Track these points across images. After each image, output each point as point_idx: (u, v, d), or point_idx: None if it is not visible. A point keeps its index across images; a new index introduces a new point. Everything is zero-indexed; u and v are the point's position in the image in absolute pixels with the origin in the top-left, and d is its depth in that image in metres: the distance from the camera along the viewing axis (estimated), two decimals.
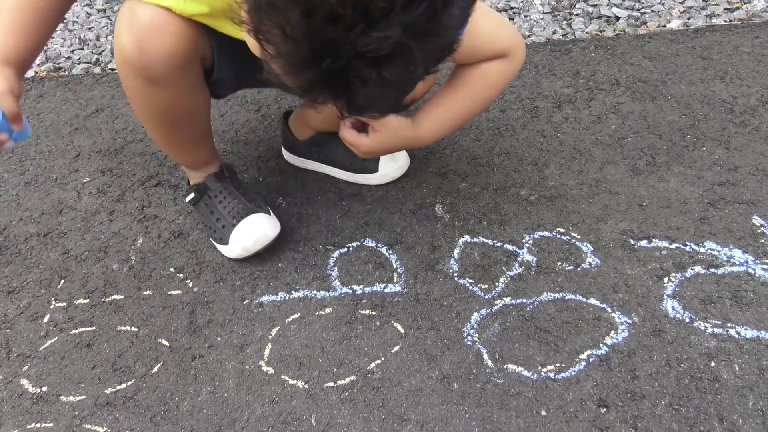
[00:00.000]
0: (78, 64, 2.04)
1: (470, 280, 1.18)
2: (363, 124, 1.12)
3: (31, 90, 1.91)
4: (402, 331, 1.11)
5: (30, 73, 2.02)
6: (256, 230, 1.23)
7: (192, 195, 1.28)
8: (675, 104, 1.55)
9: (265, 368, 1.07)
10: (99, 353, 1.13)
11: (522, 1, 2.09)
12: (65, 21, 2.32)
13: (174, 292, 1.22)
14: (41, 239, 1.37)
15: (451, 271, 1.20)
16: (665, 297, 1.12)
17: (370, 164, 1.38)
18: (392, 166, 1.38)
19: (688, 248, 1.20)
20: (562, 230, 1.26)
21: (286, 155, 1.50)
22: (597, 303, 1.12)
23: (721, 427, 0.93)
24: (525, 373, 1.03)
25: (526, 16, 2.01)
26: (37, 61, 2.08)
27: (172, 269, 1.27)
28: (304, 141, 1.44)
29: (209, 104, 1.19)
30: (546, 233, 1.26)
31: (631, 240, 1.22)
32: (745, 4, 1.93)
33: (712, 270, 1.15)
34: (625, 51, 1.78)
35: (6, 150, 1.01)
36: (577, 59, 1.77)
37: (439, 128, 1.15)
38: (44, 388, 1.08)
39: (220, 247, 1.26)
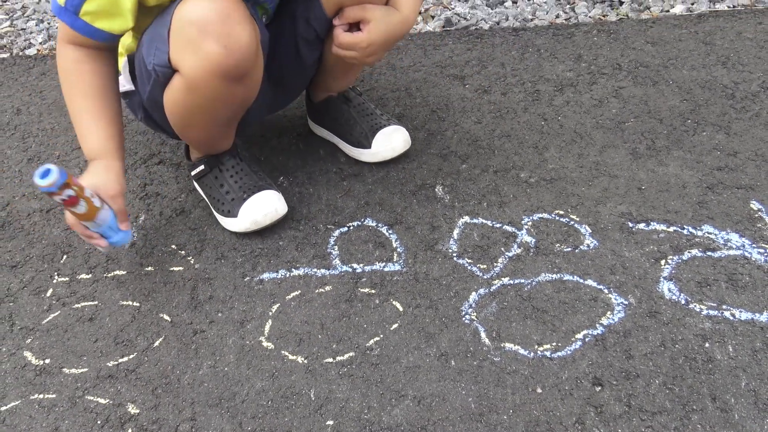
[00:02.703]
0: None
1: (469, 260, 1.19)
2: (354, 28, 1.20)
3: (34, 68, 1.92)
4: (401, 309, 1.12)
5: (32, 51, 2.02)
6: (267, 205, 1.24)
7: (201, 167, 1.29)
8: (676, 89, 1.56)
9: (265, 344, 1.09)
10: (101, 327, 1.14)
11: None
12: None
13: (176, 269, 1.23)
14: (44, 215, 1.38)
15: (450, 251, 1.22)
16: (662, 279, 1.13)
17: (364, 140, 1.39)
18: (385, 146, 1.38)
19: (685, 231, 1.21)
20: (561, 212, 1.27)
21: (309, 123, 1.54)
22: (594, 284, 1.13)
23: (714, 407, 0.94)
24: (521, 351, 1.04)
25: (529, 0, 2.01)
26: (39, 39, 2.08)
27: (173, 246, 1.28)
28: (317, 103, 1.47)
29: None
30: (545, 215, 1.27)
31: (629, 223, 1.23)
32: None
33: (709, 253, 1.17)
34: (627, 35, 1.78)
35: (103, 251, 1.17)
36: (579, 43, 1.77)
37: (412, 2, 1.21)
38: (47, 361, 1.10)
39: (226, 220, 1.27)
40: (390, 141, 1.38)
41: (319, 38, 1.25)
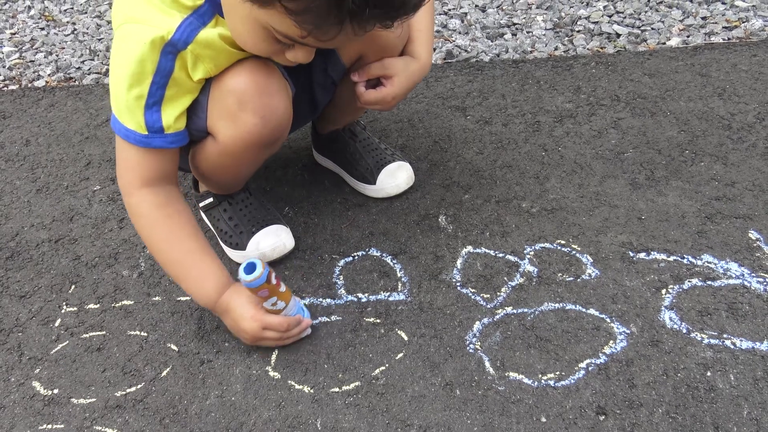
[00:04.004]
0: (88, 74, 2.08)
1: (473, 290, 1.21)
2: (376, 84, 1.20)
3: (43, 99, 1.95)
4: (406, 338, 1.14)
5: (41, 83, 2.06)
6: (275, 239, 1.27)
7: (210, 200, 1.32)
8: (674, 120, 1.59)
9: (271, 373, 1.10)
10: (109, 357, 1.15)
11: (524, 18, 2.13)
12: (75, 32, 2.36)
13: (183, 298, 1.24)
14: (52, 245, 1.40)
15: (454, 280, 1.23)
16: (663, 308, 1.14)
17: (369, 176, 1.42)
18: (389, 183, 1.41)
19: (685, 261, 1.23)
20: (563, 242, 1.29)
21: (314, 154, 1.56)
22: (596, 313, 1.15)
23: None
24: (526, 380, 1.05)
25: (528, 33, 2.06)
26: (48, 71, 2.12)
27: None
28: (323, 135, 1.50)
29: None
30: (547, 245, 1.29)
31: (630, 252, 1.25)
32: (743, 22, 1.97)
33: (709, 282, 1.18)
34: (625, 67, 1.81)
35: (309, 332, 1.16)
36: (578, 75, 1.80)
37: (428, 47, 1.23)
38: (55, 391, 1.11)
39: (234, 253, 1.29)
40: (394, 178, 1.41)
41: (334, 83, 1.27)
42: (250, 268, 1.01)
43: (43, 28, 2.42)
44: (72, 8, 2.55)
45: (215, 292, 1.09)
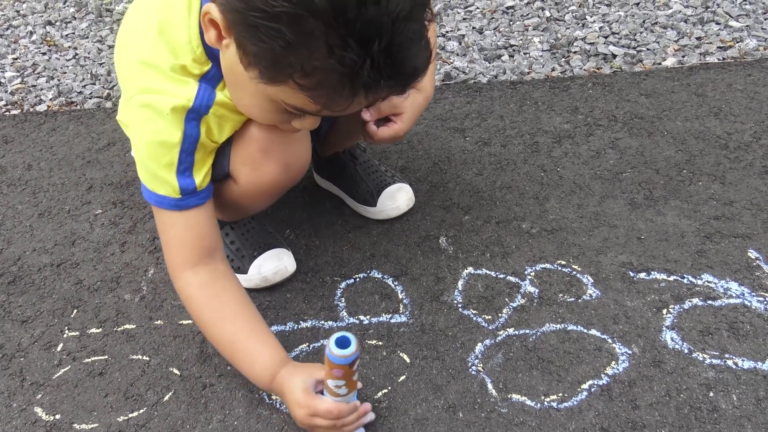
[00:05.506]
0: (90, 98, 2.10)
1: (474, 311, 1.21)
2: (383, 120, 1.19)
3: (44, 124, 1.96)
4: (408, 360, 1.14)
5: (43, 107, 2.08)
6: (277, 262, 1.27)
7: None
8: (671, 140, 1.60)
9: (274, 396, 1.10)
10: (111, 382, 1.15)
11: (521, 39, 2.16)
12: (77, 57, 2.38)
13: (185, 322, 1.25)
14: (54, 269, 1.40)
15: (455, 302, 1.24)
16: (664, 328, 1.15)
17: (369, 198, 1.43)
18: (390, 205, 1.42)
19: (685, 281, 1.23)
20: (563, 262, 1.30)
21: (315, 176, 1.58)
22: (598, 334, 1.15)
23: None
24: (528, 402, 1.05)
25: (525, 54, 2.08)
26: (50, 95, 2.13)
27: None
28: (323, 158, 1.51)
29: None
30: (547, 265, 1.30)
31: (630, 272, 1.26)
32: (737, 42, 1.99)
33: (710, 302, 1.19)
34: (622, 88, 1.83)
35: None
36: (575, 96, 1.82)
37: (431, 77, 1.23)
38: (57, 416, 1.10)
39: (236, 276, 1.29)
40: (395, 200, 1.42)
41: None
42: (343, 342, 0.94)
43: (44, 53, 2.44)
44: (73, 33, 2.57)
45: (266, 377, 1.03)
